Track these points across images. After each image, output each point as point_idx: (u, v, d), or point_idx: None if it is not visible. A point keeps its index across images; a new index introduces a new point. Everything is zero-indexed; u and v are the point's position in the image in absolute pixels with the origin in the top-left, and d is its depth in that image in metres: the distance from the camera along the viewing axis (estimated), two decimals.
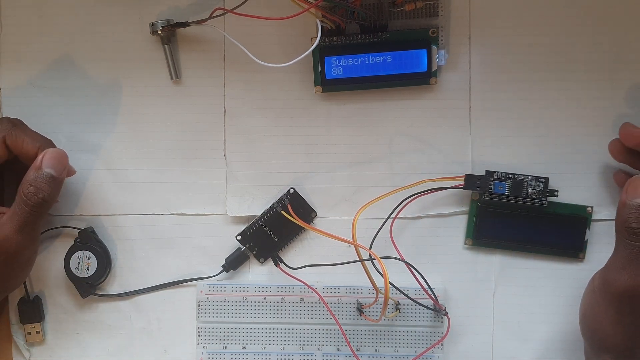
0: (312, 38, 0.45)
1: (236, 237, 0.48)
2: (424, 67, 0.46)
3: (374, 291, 0.44)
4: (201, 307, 0.48)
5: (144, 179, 0.48)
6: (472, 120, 0.47)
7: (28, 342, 0.49)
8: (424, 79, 0.46)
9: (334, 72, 0.46)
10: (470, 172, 0.47)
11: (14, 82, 0.48)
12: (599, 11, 0.46)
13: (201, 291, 0.48)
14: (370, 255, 0.43)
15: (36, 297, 0.48)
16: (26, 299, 0.48)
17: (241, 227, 0.48)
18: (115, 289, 0.49)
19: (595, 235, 0.47)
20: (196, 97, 0.48)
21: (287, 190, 0.48)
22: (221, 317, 0.48)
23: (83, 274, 0.47)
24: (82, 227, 0.48)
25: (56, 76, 0.48)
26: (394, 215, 0.46)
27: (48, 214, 0.46)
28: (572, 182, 0.47)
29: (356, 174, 0.48)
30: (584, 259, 0.47)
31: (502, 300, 0.48)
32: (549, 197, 0.46)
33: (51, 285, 0.49)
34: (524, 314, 0.48)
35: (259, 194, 0.48)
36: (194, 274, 0.48)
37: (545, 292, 0.47)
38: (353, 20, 0.45)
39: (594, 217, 0.47)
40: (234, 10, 0.44)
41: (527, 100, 0.47)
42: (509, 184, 0.46)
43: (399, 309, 0.47)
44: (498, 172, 0.46)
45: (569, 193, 0.47)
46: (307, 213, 0.48)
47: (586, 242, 0.47)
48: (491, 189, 0.46)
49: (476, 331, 0.48)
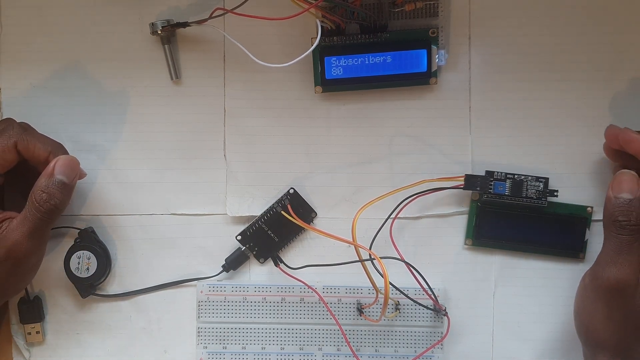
0: (312, 38, 0.45)
1: (236, 237, 0.48)
2: (424, 67, 0.46)
3: (374, 291, 0.44)
4: (201, 307, 0.48)
5: (144, 179, 0.48)
6: (472, 120, 0.47)
7: (28, 342, 0.49)
8: (424, 79, 0.46)
9: (334, 72, 0.46)
10: (470, 172, 0.47)
11: (14, 82, 0.48)
12: (599, 11, 0.46)
13: (201, 291, 0.48)
14: (370, 255, 0.43)
15: (36, 297, 0.48)
16: (26, 299, 0.48)
17: (241, 227, 0.48)
18: (115, 289, 0.49)
19: (595, 235, 0.47)
20: (196, 97, 0.48)
21: (287, 190, 0.48)
22: (221, 317, 0.48)
23: (83, 274, 0.47)
24: (82, 227, 0.48)
25: (56, 76, 0.48)
26: (394, 215, 0.46)
27: None
28: (572, 182, 0.47)
29: (356, 174, 0.48)
30: (584, 259, 0.47)
31: (502, 300, 0.48)
32: (549, 197, 0.46)
33: (51, 285, 0.49)
34: (524, 314, 0.48)
35: (259, 194, 0.48)
36: (194, 274, 0.48)
37: (545, 292, 0.47)
38: (353, 20, 0.45)
39: (594, 217, 0.47)
40: (234, 10, 0.44)
41: (527, 100, 0.47)
42: (509, 184, 0.46)
43: (398, 309, 0.47)
44: (498, 172, 0.46)
45: (569, 193, 0.47)
46: (307, 213, 0.48)
47: (586, 242, 0.47)
48: (491, 189, 0.46)
49: (476, 331, 0.48)
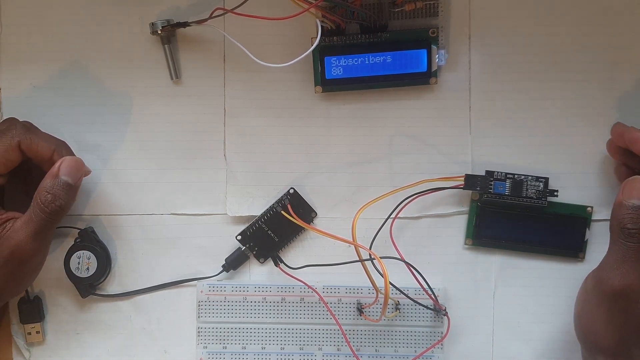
0: (312, 38, 0.45)
1: (236, 237, 0.48)
2: (424, 67, 0.46)
3: (374, 291, 0.44)
4: (201, 307, 0.48)
5: (144, 179, 0.48)
6: (472, 120, 0.47)
7: (28, 342, 0.49)
8: (424, 79, 0.46)
9: (334, 72, 0.46)
10: (470, 172, 0.47)
11: (14, 82, 0.48)
12: (599, 11, 0.46)
13: (201, 291, 0.48)
14: (370, 255, 0.43)
15: (36, 297, 0.48)
16: (26, 299, 0.48)
17: (241, 227, 0.48)
18: (115, 289, 0.49)
19: (595, 235, 0.47)
20: (196, 97, 0.48)
21: (287, 190, 0.48)
22: (221, 317, 0.48)
23: (83, 274, 0.47)
24: (82, 227, 0.48)
25: (56, 76, 0.48)
26: (394, 215, 0.46)
27: None
28: (572, 182, 0.47)
29: (356, 174, 0.48)
30: (584, 259, 0.47)
31: (502, 300, 0.48)
32: (549, 197, 0.46)
33: (51, 285, 0.49)
34: (524, 314, 0.48)
35: (259, 194, 0.48)
36: (194, 274, 0.48)
37: (545, 292, 0.47)
38: (353, 20, 0.45)
39: (594, 217, 0.47)
40: (234, 10, 0.44)
41: (527, 100, 0.47)
42: (509, 184, 0.46)
43: (398, 309, 0.47)
44: (498, 172, 0.46)
45: (569, 193, 0.47)
46: (307, 213, 0.48)
47: (586, 242, 0.47)
48: (491, 189, 0.46)
49: (476, 331, 0.48)
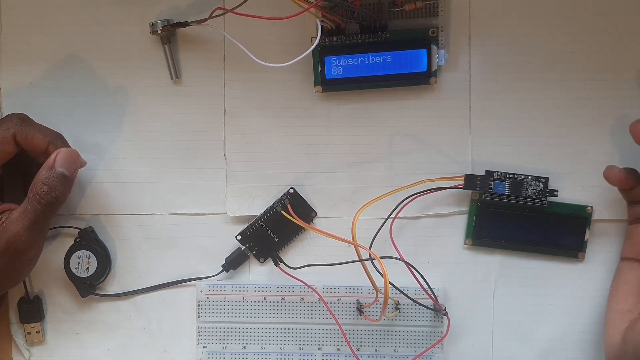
0: (312, 38, 0.45)
1: (236, 237, 0.48)
2: (423, 67, 0.46)
3: (374, 291, 0.44)
4: (201, 307, 0.48)
5: (144, 178, 0.48)
6: (472, 120, 0.47)
7: (28, 342, 0.49)
8: (423, 78, 0.46)
9: (334, 72, 0.46)
10: (470, 172, 0.47)
11: (15, 82, 0.48)
12: (599, 11, 0.46)
13: (201, 291, 0.48)
14: (370, 255, 0.43)
15: (36, 297, 0.48)
16: (26, 298, 0.48)
17: (241, 227, 0.48)
18: (115, 289, 0.49)
19: (595, 235, 0.47)
20: (196, 97, 0.48)
21: (287, 190, 0.48)
22: (221, 317, 0.48)
23: (83, 273, 0.47)
24: (82, 227, 0.48)
25: (56, 76, 0.48)
26: (394, 215, 0.46)
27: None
28: (572, 182, 0.47)
29: (356, 174, 0.48)
30: (583, 259, 0.47)
31: (502, 300, 0.48)
32: (548, 197, 0.46)
33: (51, 285, 0.49)
34: (524, 314, 0.47)
35: (259, 194, 0.48)
36: (194, 273, 0.48)
37: (545, 292, 0.47)
38: (353, 20, 0.45)
39: (594, 217, 0.47)
40: (234, 10, 0.44)
41: (527, 100, 0.47)
42: (508, 183, 0.46)
43: (398, 309, 0.47)
44: (498, 172, 0.46)
45: (569, 193, 0.47)
46: (307, 213, 0.48)
47: (586, 242, 0.47)
48: (491, 188, 0.46)
49: (476, 331, 0.48)
